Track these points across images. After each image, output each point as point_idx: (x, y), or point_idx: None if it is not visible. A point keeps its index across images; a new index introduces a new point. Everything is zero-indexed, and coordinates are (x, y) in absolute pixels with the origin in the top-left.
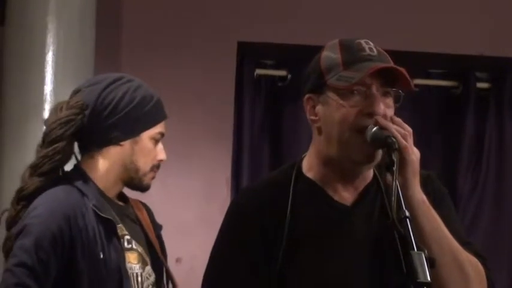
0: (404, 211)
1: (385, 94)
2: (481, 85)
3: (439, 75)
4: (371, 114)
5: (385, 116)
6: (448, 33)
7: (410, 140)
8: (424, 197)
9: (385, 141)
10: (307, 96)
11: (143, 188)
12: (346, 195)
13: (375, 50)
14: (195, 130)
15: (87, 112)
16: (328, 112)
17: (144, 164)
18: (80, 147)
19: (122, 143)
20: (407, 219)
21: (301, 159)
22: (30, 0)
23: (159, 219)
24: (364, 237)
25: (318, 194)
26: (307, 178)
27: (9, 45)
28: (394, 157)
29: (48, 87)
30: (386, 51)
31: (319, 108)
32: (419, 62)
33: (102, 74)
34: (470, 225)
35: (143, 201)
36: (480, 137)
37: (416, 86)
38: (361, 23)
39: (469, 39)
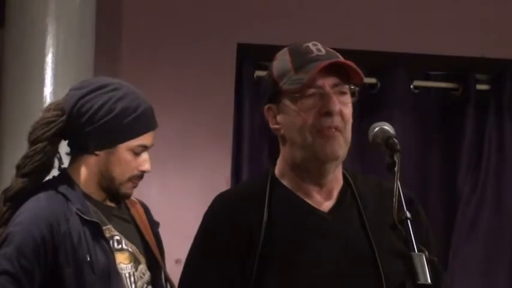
0: (405, 212)
1: (340, 92)
2: (481, 87)
3: (439, 77)
4: (328, 113)
5: (341, 114)
6: (447, 35)
7: None
8: None
9: (387, 142)
10: (266, 106)
11: (121, 197)
12: (320, 200)
13: (323, 50)
14: (195, 132)
15: (64, 117)
16: (287, 119)
17: (119, 174)
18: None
19: (97, 152)
20: (408, 220)
21: (274, 166)
22: (30, 2)
23: (159, 220)
24: (342, 244)
25: (294, 201)
26: (282, 185)
27: (9, 47)
28: (396, 158)
29: (47, 89)
30: (386, 53)
31: (279, 117)
32: (419, 63)
33: (94, 78)
34: (470, 226)
35: (142, 201)
36: (480, 139)
37: (416, 88)
38: (360, 25)
39: (469, 41)
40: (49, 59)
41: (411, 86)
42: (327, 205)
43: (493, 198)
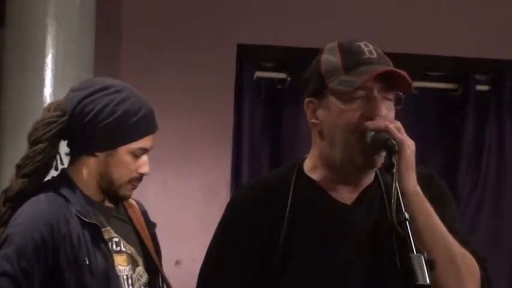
0: (404, 213)
1: (386, 98)
2: (481, 87)
3: (439, 78)
4: (373, 118)
5: (386, 119)
6: (447, 36)
7: (404, 133)
8: (419, 190)
9: (386, 144)
10: (307, 100)
11: (120, 199)
12: (345, 194)
13: (374, 52)
14: (195, 132)
15: (65, 118)
16: (330, 117)
17: (119, 176)
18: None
19: (97, 154)
20: (407, 222)
21: (303, 160)
22: (30, 2)
23: (158, 221)
24: (364, 235)
25: (319, 194)
26: (309, 178)
27: (9, 47)
28: (394, 159)
29: (47, 90)
30: (385, 53)
31: (320, 112)
32: (418, 64)
33: (95, 79)
34: (470, 226)
35: (142, 202)
36: (480, 139)
37: (415, 88)
38: (360, 25)
39: (469, 41)
40: (49, 59)
41: None
42: (351, 197)
43: (493, 198)
